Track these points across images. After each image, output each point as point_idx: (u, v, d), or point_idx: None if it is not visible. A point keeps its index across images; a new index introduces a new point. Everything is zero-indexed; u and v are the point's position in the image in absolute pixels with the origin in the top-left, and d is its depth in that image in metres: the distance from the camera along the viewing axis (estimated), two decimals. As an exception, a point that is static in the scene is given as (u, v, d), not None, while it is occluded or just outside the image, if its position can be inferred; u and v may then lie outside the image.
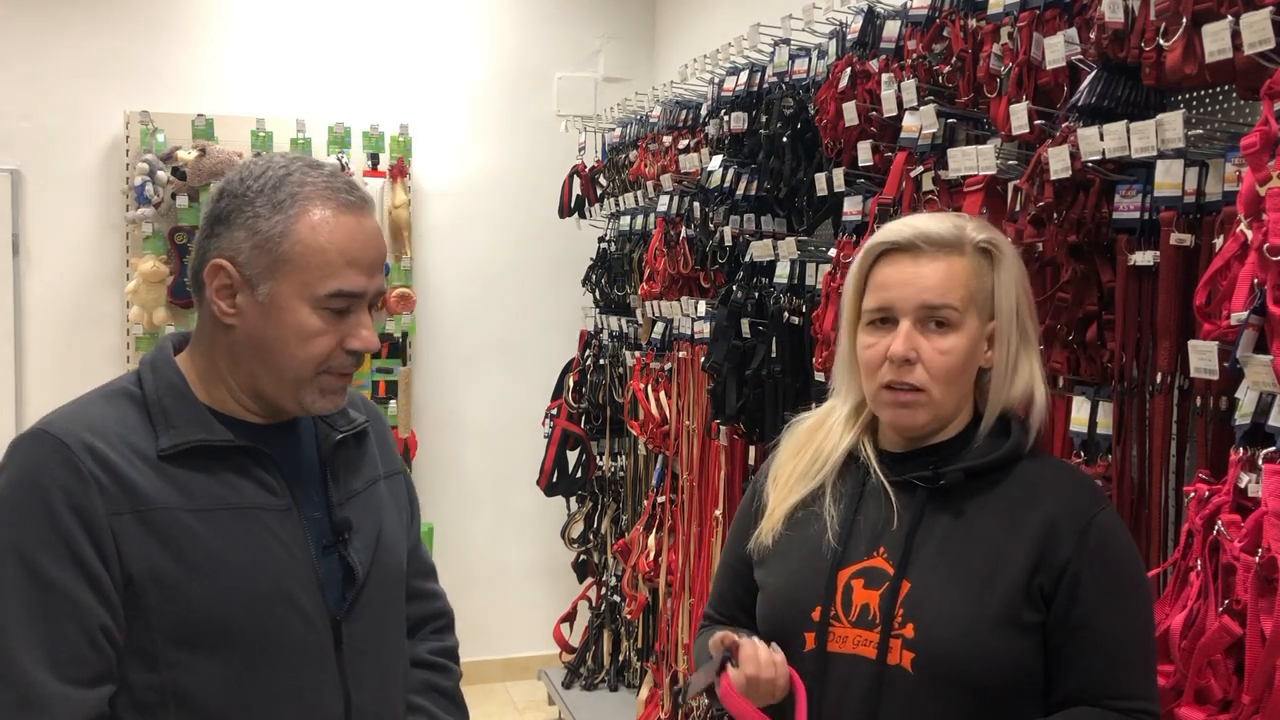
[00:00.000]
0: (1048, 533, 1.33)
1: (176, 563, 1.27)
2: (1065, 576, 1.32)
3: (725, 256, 3.16)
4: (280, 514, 1.35)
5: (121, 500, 1.26)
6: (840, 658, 1.36)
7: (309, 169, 1.34)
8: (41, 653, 1.22)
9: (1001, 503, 1.37)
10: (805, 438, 1.52)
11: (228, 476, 1.33)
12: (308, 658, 1.35)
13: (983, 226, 1.45)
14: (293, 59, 4.64)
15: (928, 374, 1.37)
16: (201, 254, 1.34)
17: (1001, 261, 1.41)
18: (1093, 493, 1.40)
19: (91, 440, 1.27)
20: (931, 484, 1.39)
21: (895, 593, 1.35)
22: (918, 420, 1.39)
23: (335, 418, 1.46)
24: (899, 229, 1.42)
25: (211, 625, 1.29)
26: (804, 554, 1.43)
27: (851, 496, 1.44)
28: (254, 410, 1.38)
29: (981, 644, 1.30)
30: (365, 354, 1.37)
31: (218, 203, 1.34)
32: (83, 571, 1.24)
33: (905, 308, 1.38)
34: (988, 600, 1.32)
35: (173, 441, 1.31)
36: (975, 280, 1.39)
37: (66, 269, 4.46)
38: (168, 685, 1.28)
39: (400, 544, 1.53)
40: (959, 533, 1.36)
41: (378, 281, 1.37)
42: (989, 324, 1.41)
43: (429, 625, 1.62)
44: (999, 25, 2.02)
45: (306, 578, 1.36)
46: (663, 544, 3.68)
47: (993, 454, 1.38)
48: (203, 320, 1.37)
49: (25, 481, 1.26)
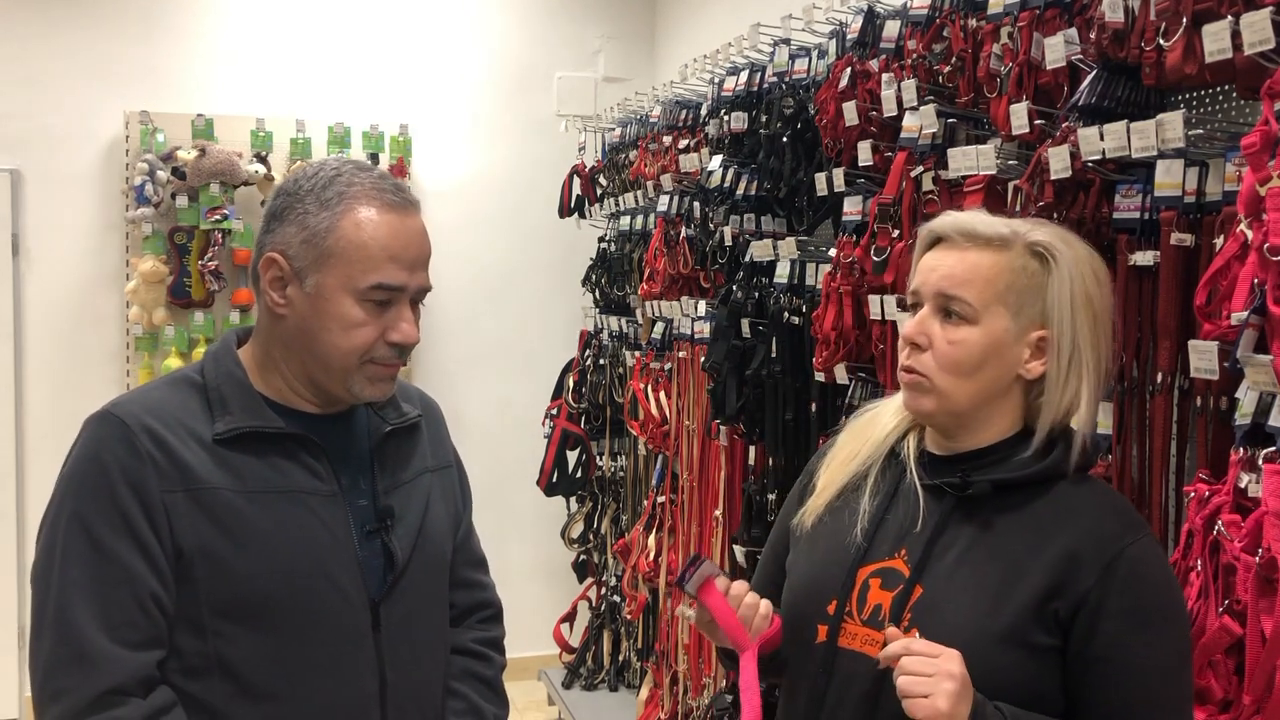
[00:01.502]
0: (1071, 558, 1.28)
1: (225, 539, 1.36)
2: (1086, 606, 1.27)
3: (725, 256, 3.16)
4: (326, 499, 1.43)
5: (175, 479, 1.35)
6: (848, 654, 1.37)
7: (358, 171, 1.43)
8: (97, 614, 1.31)
9: (1030, 521, 1.33)
10: (865, 425, 1.51)
11: (277, 461, 1.41)
12: (345, 636, 1.42)
13: (1045, 229, 1.37)
14: (292, 59, 4.64)
15: (934, 362, 1.35)
16: (259, 249, 1.43)
17: (1058, 266, 1.33)
18: (1131, 523, 1.33)
19: (150, 422, 1.37)
20: (959, 492, 1.37)
21: (907, 596, 1.34)
22: (923, 406, 1.38)
23: (387, 410, 1.53)
24: (942, 220, 1.40)
25: (255, 599, 1.37)
26: (831, 545, 1.43)
27: (886, 494, 1.43)
28: (309, 399, 1.46)
29: (986, 658, 1.27)
30: (408, 346, 1.43)
31: (274, 200, 1.44)
32: (137, 543, 1.33)
33: (927, 293, 1.37)
34: (997, 616, 1.29)
35: (227, 427, 1.39)
36: (1010, 278, 1.33)
37: (66, 269, 4.46)
38: (213, 654, 1.36)
39: (445, 534, 1.58)
40: (982, 545, 1.34)
41: (420, 278, 1.43)
42: (1034, 330, 1.34)
43: (476, 615, 1.67)
44: (999, 25, 2.02)
45: (347, 560, 1.43)
46: (663, 544, 3.68)
47: (1027, 470, 1.34)
48: (260, 313, 1.47)
49: (89, 457, 1.36)
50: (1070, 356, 1.33)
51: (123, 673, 1.30)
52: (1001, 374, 1.35)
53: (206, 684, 1.36)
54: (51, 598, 1.33)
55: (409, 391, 1.61)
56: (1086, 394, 1.34)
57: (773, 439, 2.77)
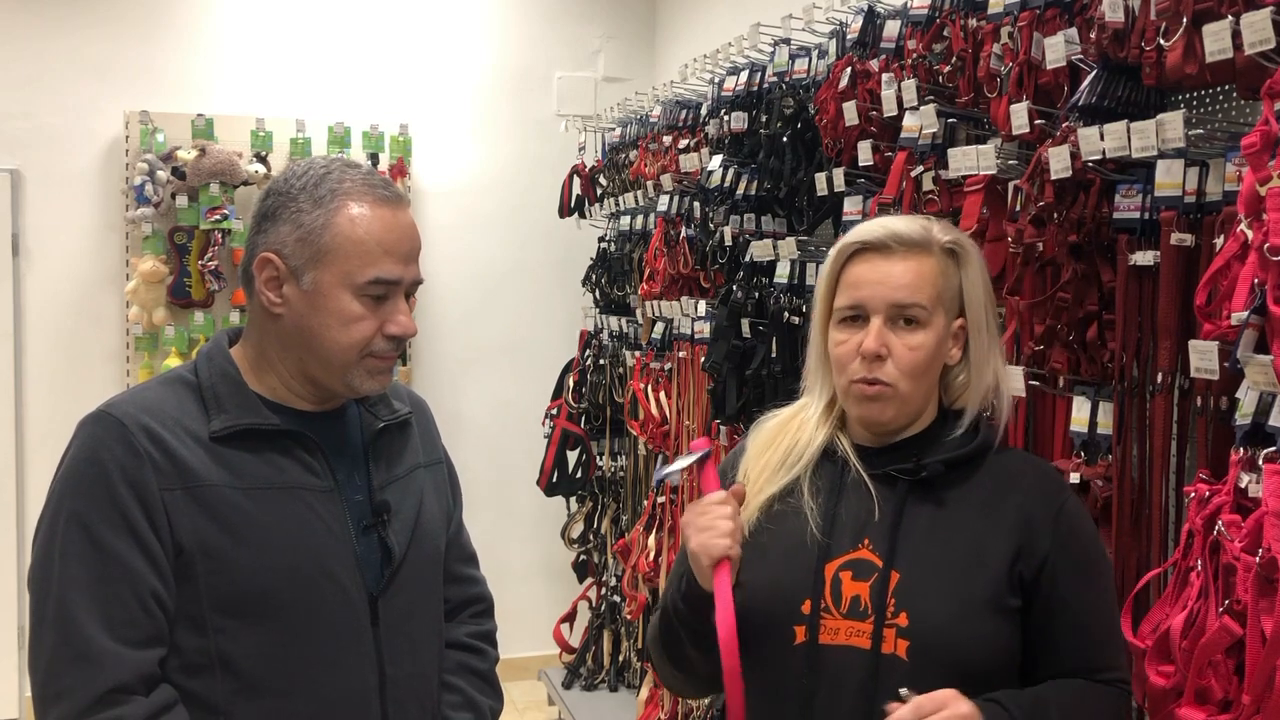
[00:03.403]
0: (1026, 521, 1.40)
1: (224, 536, 1.37)
2: (1045, 565, 1.39)
3: (725, 256, 3.16)
4: (322, 495, 1.44)
5: (174, 477, 1.36)
6: (833, 649, 1.38)
7: (347, 168, 1.44)
8: (98, 613, 1.31)
9: (978, 493, 1.43)
10: (775, 433, 1.54)
11: (274, 458, 1.42)
12: (344, 631, 1.44)
13: (947, 228, 1.49)
14: (292, 59, 4.64)
15: (897, 369, 1.41)
16: (250, 250, 1.44)
17: (967, 261, 1.46)
18: (1057, 481, 1.50)
19: (147, 421, 1.37)
20: (913, 476, 1.42)
21: (885, 583, 1.38)
22: (885, 415, 1.44)
23: (379, 407, 1.55)
24: (871, 228, 1.46)
25: (254, 595, 1.38)
26: (786, 548, 1.44)
27: (830, 490, 1.46)
28: (304, 396, 1.48)
29: (973, 629, 1.36)
30: (404, 339, 1.45)
31: (264, 201, 1.44)
32: (137, 541, 1.34)
33: (877, 305, 1.42)
34: (975, 586, 1.37)
35: (223, 424, 1.41)
36: (942, 280, 1.44)
37: (66, 269, 4.46)
38: (214, 650, 1.37)
39: (439, 528, 1.60)
40: (941, 523, 1.41)
41: (414, 271, 1.46)
42: (956, 321, 1.46)
43: (468, 609, 1.69)
44: (999, 25, 2.02)
45: (345, 555, 1.44)
46: (663, 544, 3.67)
47: (967, 446, 1.44)
48: (253, 313, 1.47)
49: (87, 457, 1.36)
50: (986, 340, 1.47)
51: (125, 671, 1.31)
52: (939, 367, 1.46)
53: (207, 681, 1.37)
54: (52, 597, 1.33)
55: (398, 389, 1.63)
56: (1002, 368, 1.49)
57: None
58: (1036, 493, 1.43)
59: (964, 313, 1.46)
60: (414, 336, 1.46)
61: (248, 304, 1.48)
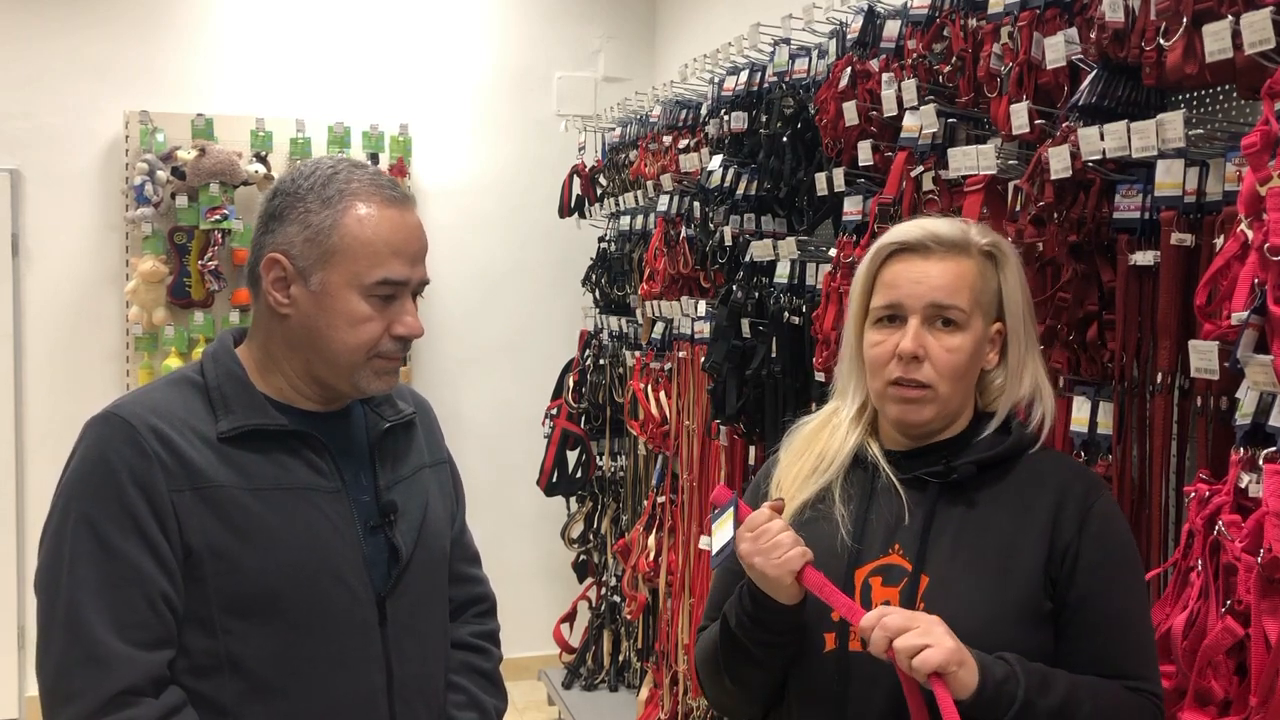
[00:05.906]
0: (1056, 521, 1.37)
1: (232, 536, 1.37)
2: (1066, 560, 1.35)
3: (725, 256, 3.16)
4: (330, 495, 1.44)
5: (182, 478, 1.36)
6: (863, 656, 1.35)
7: (355, 168, 1.44)
8: (108, 615, 1.31)
9: (1010, 495, 1.40)
10: (809, 439, 1.52)
11: (281, 458, 1.42)
12: (352, 631, 1.44)
13: (985, 231, 1.47)
14: (292, 59, 4.64)
15: (935, 371, 1.39)
16: (257, 250, 1.44)
17: (1006, 265, 1.44)
18: (1093, 482, 1.44)
19: (155, 422, 1.37)
20: (943, 478, 1.40)
21: (915, 587, 1.36)
22: (923, 416, 1.41)
23: (384, 408, 1.55)
24: (910, 229, 1.44)
25: (263, 596, 1.38)
26: (817, 555, 1.41)
27: (861, 496, 1.44)
28: (310, 397, 1.47)
29: (1004, 632, 1.32)
30: (412, 339, 1.45)
31: (271, 201, 1.44)
32: (146, 542, 1.33)
33: (914, 305, 1.40)
34: (1006, 589, 1.34)
35: (231, 425, 1.40)
36: (981, 282, 1.42)
37: (66, 269, 4.46)
38: (223, 651, 1.37)
39: (444, 528, 1.60)
40: (972, 525, 1.38)
41: (420, 271, 1.46)
42: (993, 325, 1.44)
43: (472, 609, 1.69)
44: (999, 25, 2.01)
45: (353, 555, 1.44)
46: (663, 544, 3.67)
47: (999, 447, 1.41)
48: (259, 313, 1.47)
49: (95, 459, 1.35)
50: (1024, 345, 1.45)
51: (135, 673, 1.30)
52: (977, 371, 1.44)
53: (216, 682, 1.37)
54: (61, 599, 1.32)
55: (402, 390, 1.63)
56: (1041, 373, 1.46)
57: (773, 439, 2.76)
58: (1068, 492, 1.39)
59: (1002, 317, 1.44)
60: (421, 337, 1.46)
61: (254, 304, 1.48)
